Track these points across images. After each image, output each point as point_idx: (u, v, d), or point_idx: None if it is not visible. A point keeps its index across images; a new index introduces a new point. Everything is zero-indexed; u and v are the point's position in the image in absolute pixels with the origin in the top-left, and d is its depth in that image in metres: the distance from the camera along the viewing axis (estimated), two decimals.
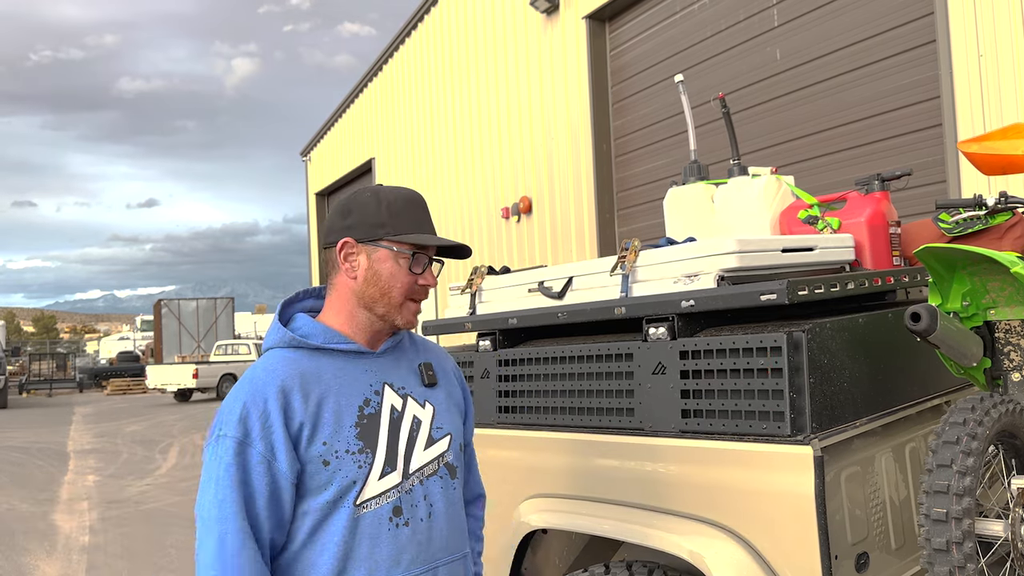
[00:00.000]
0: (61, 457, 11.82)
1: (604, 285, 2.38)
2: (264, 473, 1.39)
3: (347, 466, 1.44)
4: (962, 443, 1.65)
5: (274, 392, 1.43)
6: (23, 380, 30.46)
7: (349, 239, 1.53)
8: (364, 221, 1.53)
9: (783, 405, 1.86)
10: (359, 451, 1.46)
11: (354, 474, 1.44)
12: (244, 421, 1.40)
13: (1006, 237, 2.55)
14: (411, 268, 1.53)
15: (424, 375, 1.62)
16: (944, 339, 1.82)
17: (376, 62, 14.90)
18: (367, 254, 1.53)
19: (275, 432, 1.40)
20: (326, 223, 1.60)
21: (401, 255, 1.52)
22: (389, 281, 1.52)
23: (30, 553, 6.21)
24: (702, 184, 3.05)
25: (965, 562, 1.59)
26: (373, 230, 1.52)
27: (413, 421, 1.56)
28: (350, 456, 1.45)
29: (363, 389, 1.52)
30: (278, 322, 1.57)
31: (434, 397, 1.63)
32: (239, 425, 1.40)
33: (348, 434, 1.46)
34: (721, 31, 7.68)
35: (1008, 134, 2.20)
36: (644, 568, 2.07)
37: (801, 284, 1.98)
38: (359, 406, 1.49)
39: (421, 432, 1.56)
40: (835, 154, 6.70)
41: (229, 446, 1.39)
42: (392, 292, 1.52)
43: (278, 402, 1.42)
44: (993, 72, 5.29)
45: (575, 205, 9.40)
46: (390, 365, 1.59)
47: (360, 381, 1.52)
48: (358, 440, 1.46)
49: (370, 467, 1.46)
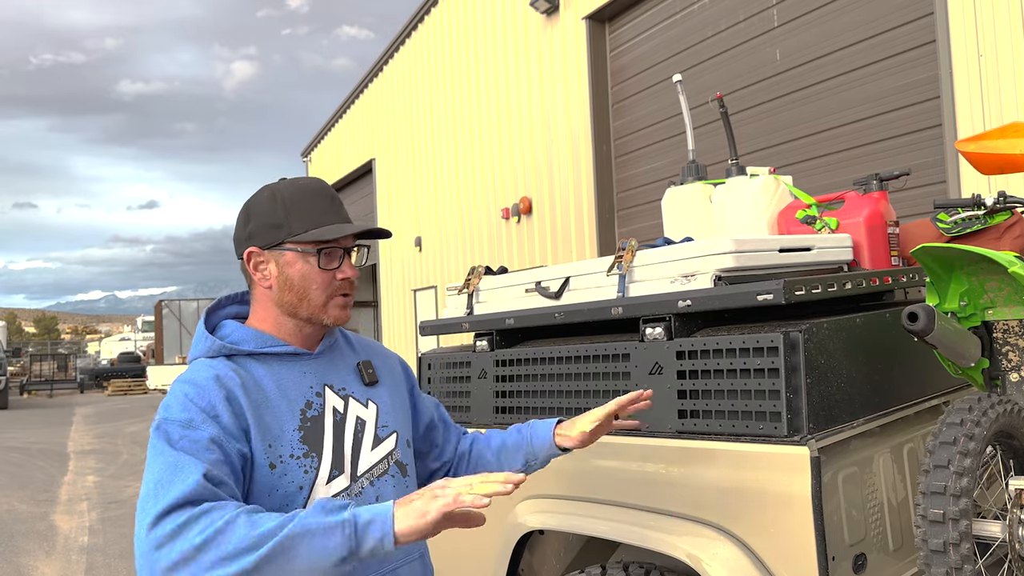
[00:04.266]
0: (61, 458, 11.82)
1: (601, 285, 2.38)
2: (215, 450, 1.28)
3: (293, 471, 1.37)
4: (959, 444, 1.65)
5: (217, 393, 1.34)
6: (24, 381, 30.49)
7: (253, 248, 1.45)
8: (263, 225, 1.44)
9: (780, 405, 1.85)
10: (304, 455, 1.39)
11: (300, 479, 1.37)
12: (187, 410, 1.31)
13: (1005, 237, 2.54)
14: (321, 265, 1.44)
15: (364, 374, 1.56)
16: (941, 339, 1.81)
17: (376, 63, 14.90)
18: (275, 260, 1.45)
19: (223, 419, 1.32)
20: (233, 232, 1.52)
21: (308, 254, 1.44)
22: (303, 283, 1.44)
23: (29, 554, 6.21)
24: (700, 184, 3.05)
25: (962, 563, 1.58)
26: (274, 233, 1.44)
27: (357, 422, 1.49)
28: (295, 461, 1.38)
29: (303, 392, 1.45)
30: (204, 330, 1.47)
31: (376, 396, 1.57)
32: (182, 413, 1.31)
33: (291, 438, 1.39)
34: (721, 31, 7.67)
35: (1006, 133, 2.20)
36: (641, 569, 2.06)
37: (798, 284, 1.97)
38: (301, 409, 1.42)
39: (366, 433, 1.50)
40: (835, 154, 6.69)
41: (172, 429, 1.29)
42: (310, 294, 1.45)
43: (223, 401, 1.34)
44: (993, 72, 5.28)
45: (575, 205, 9.39)
46: (328, 366, 1.52)
47: (300, 384, 1.45)
48: (302, 444, 1.40)
49: (316, 471, 1.40)
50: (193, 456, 1.25)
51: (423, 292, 13.42)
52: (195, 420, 1.30)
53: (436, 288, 12.96)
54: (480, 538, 2.55)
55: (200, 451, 1.27)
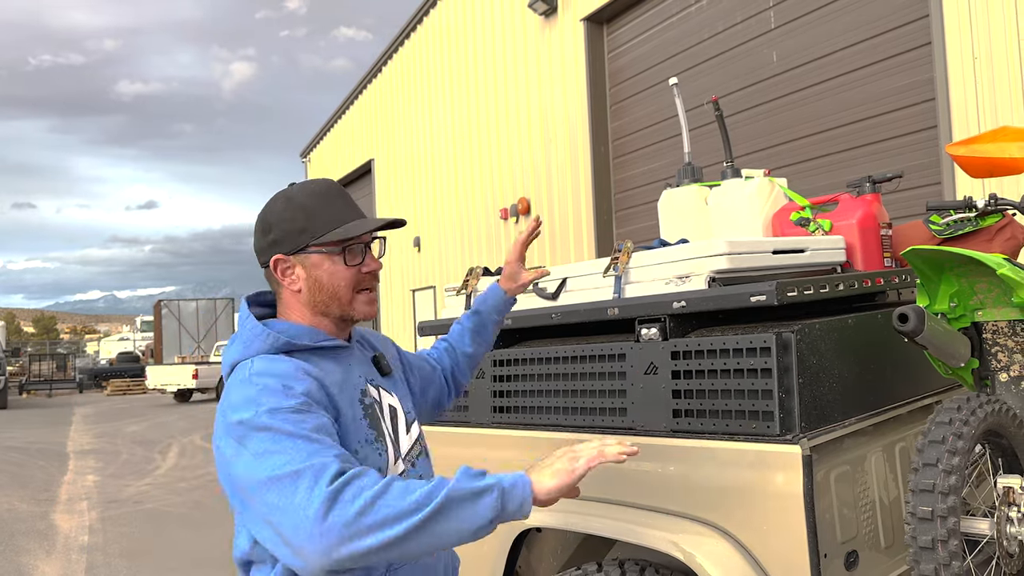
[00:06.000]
0: (61, 457, 11.84)
1: (597, 286, 2.41)
2: (331, 432, 1.31)
3: (371, 456, 1.45)
4: (948, 442, 1.67)
5: (309, 381, 1.36)
6: (23, 381, 30.47)
7: (279, 255, 1.49)
8: (286, 232, 1.48)
9: (772, 405, 1.88)
10: (375, 439, 1.48)
11: (378, 462, 1.46)
12: (290, 397, 1.31)
13: (996, 239, 2.57)
14: (347, 262, 1.49)
15: (380, 365, 1.64)
16: (931, 340, 1.84)
17: (375, 64, 14.92)
18: (301, 264, 1.49)
19: (322, 404, 1.35)
20: (253, 243, 1.56)
21: (333, 254, 1.49)
22: (332, 282, 1.49)
23: (29, 553, 6.23)
24: (696, 186, 3.08)
25: (950, 560, 1.61)
26: (297, 238, 1.48)
27: (390, 409, 1.59)
28: (370, 446, 1.46)
29: (355, 383, 1.52)
30: (258, 327, 1.46)
31: (393, 385, 1.66)
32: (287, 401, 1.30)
33: (361, 425, 1.46)
34: (718, 33, 7.71)
35: (995, 137, 2.23)
36: (636, 566, 2.09)
37: (790, 285, 2.00)
38: (359, 399, 1.49)
39: (399, 417, 1.60)
40: (832, 156, 6.73)
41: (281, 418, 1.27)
42: (339, 292, 1.50)
43: (317, 388, 1.37)
44: (987, 74, 5.31)
45: (573, 206, 9.42)
46: (358, 359, 1.60)
47: (351, 375, 1.52)
48: (370, 430, 1.48)
49: (387, 454, 1.49)
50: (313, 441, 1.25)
51: (422, 292, 13.44)
52: (301, 405, 1.31)
53: (435, 288, 12.98)
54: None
55: (321, 435, 1.28)
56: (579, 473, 1.28)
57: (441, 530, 1.19)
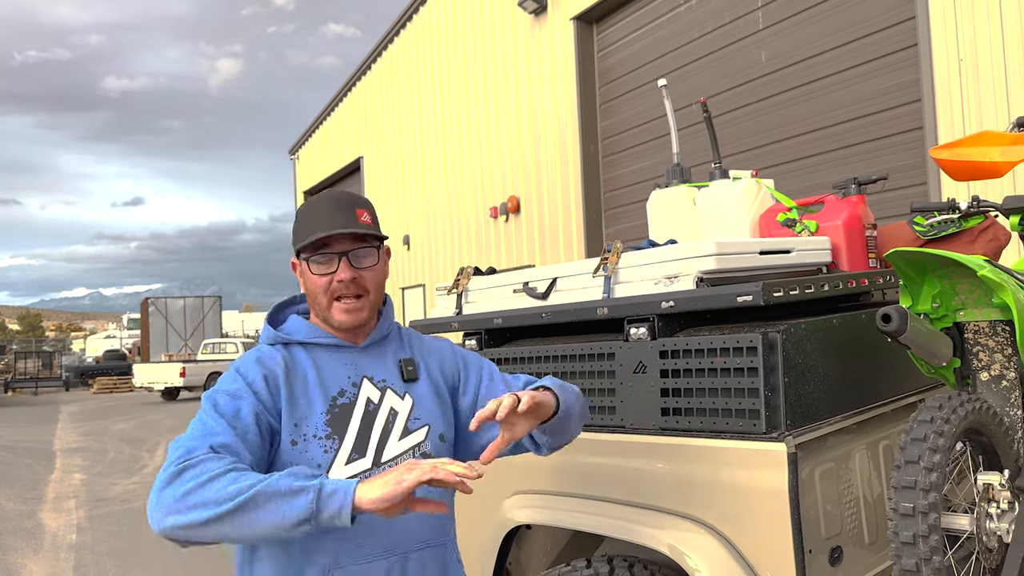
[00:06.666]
0: (47, 456, 11.77)
1: (587, 286, 2.43)
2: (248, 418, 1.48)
3: (313, 450, 1.53)
4: (929, 440, 1.71)
5: (258, 374, 1.55)
6: (8, 379, 30.25)
7: (294, 259, 1.66)
8: (292, 239, 1.64)
9: (758, 403, 1.92)
10: (326, 437, 1.54)
11: (320, 458, 1.52)
12: (234, 383, 1.53)
13: (978, 240, 2.62)
14: (312, 271, 1.59)
15: (404, 370, 1.68)
16: (914, 340, 1.87)
17: (364, 61, 14.89)
18: (299, 269, 1.65)
19: (260, 394, 1.52)
20: None
21: (306, 262, 1.61)
22: (311, 289, 1.62)
23: (17, 552, 6.21)
24: (684, 187, 3.11)
25: (931, 555, 1.65)
26: (295, 245, 1.62)
27: (390, 412, 1.62)
28: (317, 441, 1.53)
29: (340, 380, 1.61)
30: (267, 323, 1.69)
31: (415, 390, 1.67)
32: (231, 385, 1.53)
33: (318, 420, 1.55)
34: (707, 33, 7.75)
35: (977, 141, 2.27)
36: (625, 563, 2.12)
37: (776, 286, 2.03)
38: (332, 396, 1.58)
39: (397, 423, 1.62)
40: (819, 156, 6.78)
41: (219, 397, 1.50)
42: (317, 298, 1.61)
43: (262, 379, 1.54)
44: (973, 76, 5.38)
45: (563, 205, 9.45)
46: (371, 359, 1.66)
47: (338, 373, 1.61)
48: (327, 426, 1.55)
49: (336, 453, 1.54)
50: (226, 421, 1.45)
51: (411, 290, 13.44)
52: (239, 391, 1.51)
53: (424, 286, 12.99)
54: (468, 533, 2.60)
55: (234, 418, 1.46)
56: (406, 486, 1.30)
57: (253, 519, 1.30)
